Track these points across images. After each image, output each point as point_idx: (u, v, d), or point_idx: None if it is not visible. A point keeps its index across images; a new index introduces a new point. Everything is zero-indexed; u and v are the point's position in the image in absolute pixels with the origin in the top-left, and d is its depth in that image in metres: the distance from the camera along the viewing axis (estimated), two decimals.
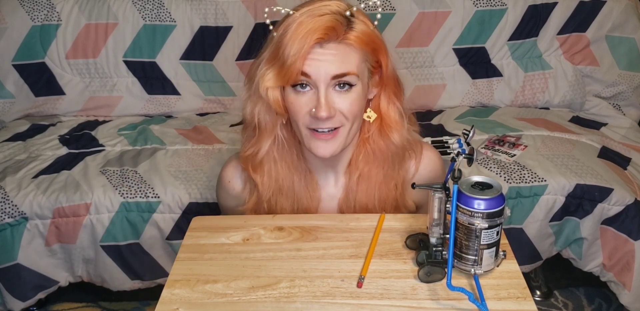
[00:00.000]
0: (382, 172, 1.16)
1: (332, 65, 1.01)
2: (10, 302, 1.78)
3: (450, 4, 2.13)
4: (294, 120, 1.08)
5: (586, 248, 1.78)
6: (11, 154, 1.96)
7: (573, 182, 1.73)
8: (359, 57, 1.04)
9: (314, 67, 1.01)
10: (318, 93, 1.02)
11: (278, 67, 1.02)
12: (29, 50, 2.15)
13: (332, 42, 1.02)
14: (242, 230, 1.09)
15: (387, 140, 1.14)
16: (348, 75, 1.03)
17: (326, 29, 1.00)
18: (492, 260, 0.93)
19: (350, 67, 1.03)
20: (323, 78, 1.02)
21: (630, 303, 1.75)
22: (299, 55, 0.99)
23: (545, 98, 2.19)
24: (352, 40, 1.02)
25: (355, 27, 1.03)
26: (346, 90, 1.04)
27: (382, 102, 1.12)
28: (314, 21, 1.00)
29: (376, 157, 1.15)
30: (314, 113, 1.03)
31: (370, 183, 1.17)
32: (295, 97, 1.04)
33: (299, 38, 0.99)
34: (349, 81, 1.03)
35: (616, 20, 2.12)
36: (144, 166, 1.85)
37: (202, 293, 0.94)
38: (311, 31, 0.99)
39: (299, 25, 1.00)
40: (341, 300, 0.92)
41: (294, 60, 1.00)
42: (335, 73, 1.02)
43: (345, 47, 1.03)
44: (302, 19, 1.01)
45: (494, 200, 0.88)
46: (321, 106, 1.02)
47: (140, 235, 1.75)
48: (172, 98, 2.21)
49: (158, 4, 2.14)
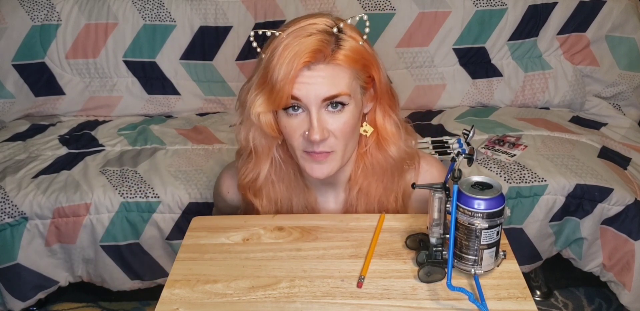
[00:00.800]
0: (382, 185, 1.15)
1: (322, 87, 0.99)
2: (10, 302, 1.78)
3: (450, 4, 2.13)
4: (289, 143, 1.06)
5: (586, 248, 1.78)
6: (11, 154, 1.96)
7: (573, 182, 1.73)
8: (349, 76, 1.01)
9: (303, 90, 0.99)
10: (310, 116, 1.00)
11: (267, 92, 1.00)
12: (29, 50, 2.15)
13: (320, 64, 0.99)
14: (242, 230, 1.09)
15: (385, 153, 1.12)
16: (339, 96, 1.00)
17: (313, 51, 0.97)
18: (492, 260, 0.93)
19: (341, 87, 1.00)
20: (314, 101, 0.99)
21: (630, 303, 1.75)
22: (287, 79, 0.97)
23: (545, 98, 2.19)
24: (341, 60, 1.00)
25: (343, 45, 1.00)
26: (339, 110, 1.02)
27: (378, 115, 1.11)
28: (300, 43, 0.97)
29: (375, 170, 1.14)
30: (307, 136, 1.01)
31: (370, 197, 1.16)
32: (287, 120, 1.03)
33: (286, 62, 0.97)
34: (341, 101, 1.01)
35: (616, 20, 2.12)
36: (144, 166, 1.85)
37: (202, 293, 0.94)
38: (298, 54, 0.97)
39: (285, 48, 0.98)
40: (341, 300, 0.92)
41: (282, 85, 0.97)
42: (326, 95, 0.99)
43: (334, 67, 1.00)
44: (288, 41, 0.98)
45: (494, 200, 0.88)
46: (314, 129, 0.99)
47: (140, 235, 1.75)
48: (172, 98, 2.21)
49: (158, 4, 2.14)
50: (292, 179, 1.15)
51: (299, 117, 1.02)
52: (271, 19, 2.13)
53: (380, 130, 1.12)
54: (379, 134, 1.12)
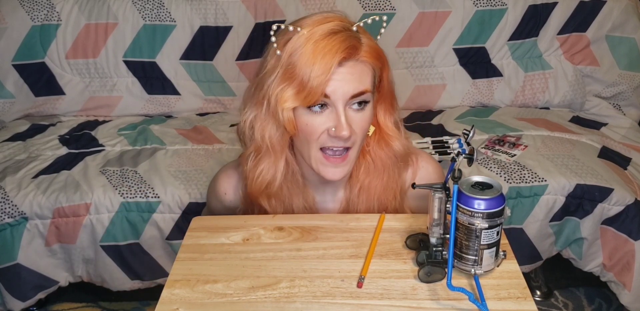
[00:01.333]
0: (382, 182, 1.16)
1: (350, 84, 1.00)
2: (10, 302, 1.78)
3: (450, 4, 2.13)
4: (305, 141, 1.05)
5: (586, 248, 1.78)
6: (11, 154, 1.96)
7: (573, 182, 1.73)
8: (371, 74, 1.04)
9: (332, 87, 0.99)
10: (337, 113, 1.01)
11: (297, 87, 0.99)
12: (29, 50, 2.15)
13: (350, 61, 1.00)
14: (242, 230, 1.09)
15: (387, 150, 1.13)
16: (365, 93, 1.02)
17: (348, 48, 0.98)
18: (492, 260, 0.93)
19: (366, 84, 1.02)
20: (341, 98, 1.00)
21: (630, 303, 1.75)
22: (324, 76, 0.97)
23: (545, 98, 2.19)
24: (367, 56, 1.02)
25: (364, 43, 1.02)
26: (362, 108, 1.03)
27: (380, 114, 1.12)
28: (331, 39, 0.98)
29: (377, 167, 1.14)
30: (334, 133, 1.01)
31: (370, 194, 1.17)
32: (310, 118, 1.02)
33: (319, 58, 0.97)
34: (365, 99, 1.03)
35: (616, 20, 2.12)
36: (144, 166, 1.85)
37: (202, 293, 0.94)
38: (333, 51, 0.97)
39: (316, 44, 0.98)
40: (341, 300, 0.92)
41: (319, 82, 0.97)
42: (354, 92, 1.00)
43: (361, 65, 1.02)
44: (316, 37, 0.98)
45: (494, 200, 0.88)
46: (342, 125, 1.00)
47: (140, 235, 1.75)
48: (172, 98, 2.21)
49: (158, 4, 2.14)
50: (292, 179, 1.15)
51: (323, 115, 1.02)
52: (271, 19, 2.13)
53: (382, 128, 1.13)
54: (381, 132, 1.13)
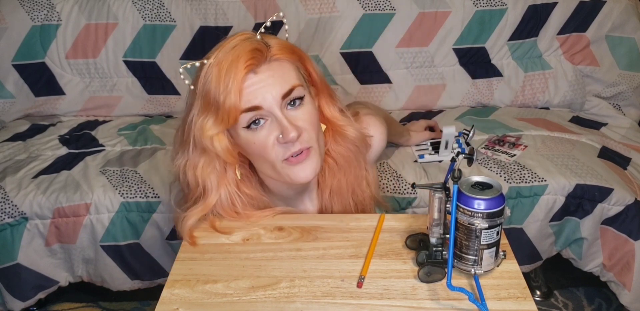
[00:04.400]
0: (352, 176, 1.14)
1: (275, 87, 0.98)
2: (10, 302, 1.78)
3: (450, 4, 2.13)
4: (262, 160, 1.03)
5: (586, 248, 1.79)
6: (11, 154, 1.96)
7: (573, 182, 1.73)
8: (293, 68, 1.02)
9: (259, 96, 0.97)
10: (276, 119, 0.98)
11: (214, 111, 0.97)
12: (29, 50, 2.15)
13: (262, 65, 0.98)
14: (242, 230, 1.09)
15: (344, 142, 1.12)
16: (294, 89, 0.99)
17: (251, 52, 0.96)
18: (492, 260, 0.93)
19: (292, 80, 1.00)
20: (274, 102, 0.98)
21: (630, 303, 1.75)
22: (230, 89, 0.95)
23: (545, 98, 2.19)
24: (279, 53, 0.99)
25: (271, 42, 1.00)
26: (299, 104, 1.01)
27: (324, 108, 1.10)
28: (233, 53, 0.96)
29: (340, 166, 1.13)
30: (282, 139, 0.98)
31: (342, 194, 1.16)
32: (253, 136, 1.00)
33: (224, 73, 0.95)
34: (298, 94, 1.00)
35: (616, 20, 2.12)
36: (144, 166, 1.85)
37: (202, 293, 0.94)
38: (235, 60, 0.95)
39: (219, 64, 0.96)
40: (341, 300, 0.92)
41: (226, 96, 0.95)
42: (283, 92, 0.98)
43: (277, 63, 0.99)
44: (219, 58, 0.97)
45: (494, 200, 0.88)
46: (287, 128, 0.97)
47: (140, 235, 1.75)
48: (172, 99, 2.21)
49: (158, 4, 2.14)
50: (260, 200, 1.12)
51: (264, 128, 0.99)
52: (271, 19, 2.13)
53: (331, 121, 1.11)
54: (332, 126, 1.11)
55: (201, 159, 1.03)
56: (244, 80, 0.96)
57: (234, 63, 0.95)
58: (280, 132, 0.99)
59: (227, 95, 0.95)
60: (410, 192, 1.70)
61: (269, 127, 1.00)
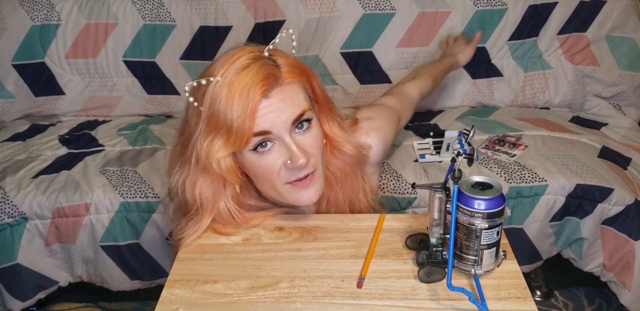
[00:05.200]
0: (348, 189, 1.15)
1: (285, 112, 0.97)
2: (10, 302, 1.78)
3: (450, 4, 2.13)
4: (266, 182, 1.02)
5: (586, 248, 1.78)
6: (11, 154, 1.96)
7: (573, 182, 1.73)
8: (302, 91, 1.00)
9: (269, 121, 0.96)
10: (285, 144, 0.97)
11: (224, 134, 0.96)
12: (29, 50, 2.15)
13: (274, 89, 0.97)
14: (242, 230, 1.09)
15: (341, 156, 1.11)
16: (304, 113, 0.99)
17: (265, 78, 0.94)
18: (492, 260, 0.93)
19: (302, 105, 0.99)
20: (283, 128, 0.97)
21: (630, 303, 1.75)
22: (246, 114, 0.93)
23: (545, 98, 2.19)
24: (289, 76, 0.98)
25: (281, 64, 0.98)
26: (307, 128, 1.00)
27: (324, 123, 1.09)
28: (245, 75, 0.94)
29: (338, 179, 1.13)
30: (291, 165, 0.98)
31: (339, 205, 1.16)
32: (260, 159, 0.99)
33: (237, 98, 0.93)
34: (307, 118, 1.00)
35: (616, 20, 2.12)
36: (144, 166, 1.85)
37: (202, 293, 0.94)
38: (250, 86, 0.93)
39: (231, 85, 0.94)
40: (341, 300, 0.92)
41: (242, 122, 0.93)
42: (293, 118, 0.97)
43: (287, 87, 0.98)
44: (230, 79, 0.94)
45: (494, 200, 0.88)
46: (296, 155, 0.97)
47: (140, 235, 1.75)
48: (172, 99, 2.21)
49: (158, 4, 2.14)
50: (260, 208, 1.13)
51: (272, 152, 0.99)
52: (271, 19, 2.13)
53: (330, 136, 1.10)
54: (330, 141, 1.10)
55: (200, 177, 1.03)
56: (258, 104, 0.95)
57: (249, 88, 0.93)
58: (288, 158, 0.98)
59: (243, 120, 0.93)
60: (410, 192, 1.70)
61: (276, 151, 0.99)
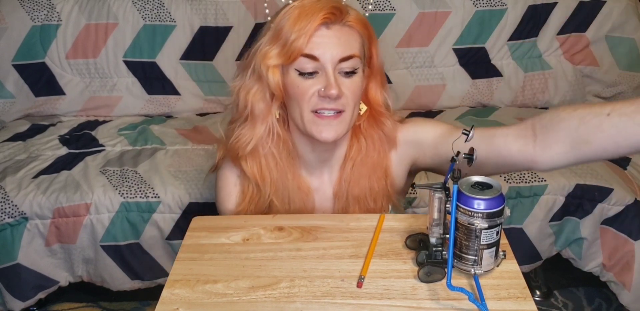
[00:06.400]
0: (374, 160, 1.18)
1: (338, 48, 1.04)
2: (10, 302, 1.78)
3: (450, 4, 2.13)
4: (296, 104, 1.08)
5: (586, 248, 1.79)
6: (11, 154, 1.96)
7: (573, 182, 1.73)
8: (360, 41, 1.08)
9: (321, 49, 1.04)
10: (326, 74, 1.05)
11: (281, 45, 1.05)
12: (29, 50, 2.15)
13: (337, 24, 1.05)
14: (242, 230, 1.09)
15: (377, 128, 1.16)
16: (353, 57, 1.05)
17: (332, 8, 1.03)
18: (492, 260, 0.93)
19: (355, 49, 1.06)
20: (330, 60, 1.04)
21: (630, 303, 1.75)
22: (303, 31, 1.02)
23: (545, 98, 2.19)
24: (354, 22, 1.06)
25: (351, 12, 1.07)
26: (350, 74, 1.07)
27: (371, 91, 1.14)
28: (316, 3, 1.04)
29: (368, 146, 1.17)
30: (324, 92, 1.04)
31: (362, 172, 1.18)
32: (301, 81, 1.06)
33: (302, 17, 1.02)
34: (354, 65, 1.06)
35: (616, 20, 2.12)
36: (144, 166, 1.85)
37: (202, 293, 0.94)
38: (316, 10, 1.02)
39: (302, 8, 1.03)
40: (341, 300, 0.92)
41: (298, 36, 1.02)
42: (342, 56, 1.04)
43: (349, 30, 1.06)
44: (303, 3, 1.04)
45: (494, 200, 0.88)
46: (331, 84, 1.03)
47: (140, 235, 1.76)
48: (172, 98, 2.21)
49: (158, 4, 2.14)
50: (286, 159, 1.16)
51: (313, 78, 1.06)
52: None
53: (373, 106, 1.15)
54: (372, 109, 1.16)
55: (255, 85, 1.10)
56: (316, 29, 1.03)
57: (314, 11, 1.02)
58: (323, 86, 1.04)
59: (298, 36, 1.02)
60: (410, 191, 1.70)
61: (317, 79, 1.06)
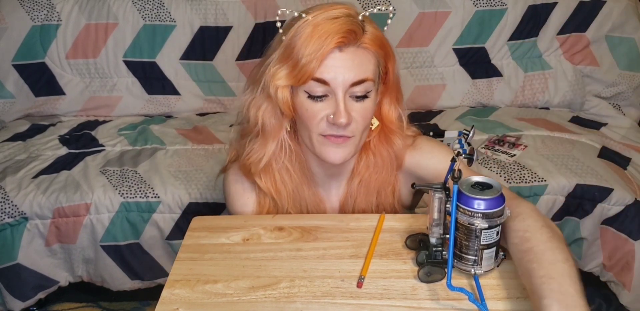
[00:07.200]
0: (381, 177, 1.16)
1: (350, 72, 1.00)
2: (10, 302, 1.78)
3: (450, 4, 2.13)
4: (305, 126, 1.06)
5: (586, 248, 1.79)
6: (11, 154, 1.96)
7: (573, 182, 1.73)
8: (374, 63, 1.04)
9: (332, 73, 0.99)
10: (336, 100, 1.01)
11: (291, 66, 1.01)
12: (29, 50, 2.15)
13: (351, 46, 1.00)
14: (242, 230, 1.09)
15: (388, 146, 1.14)
16: (366, 81, 1.01)
17: (347, 32, 0.99)
18: (492, 260, 0.93)
19: (368, 73, 1.02)
20: (341, 85, 1.00)
21: (630, 303, 1.75)
22: (315, 54, 0.98)
23: (545, 98, 2.19)
24: (369, 43, 1.02)
25: (368, 31, 1.03)
26: (362, 98, 1.03)
27: (384, 107, 1.12)
28: (331, 23, 0.99)
29: (377, 163, 1.15)
30: (333, 120, 1.01)
31: (369, 189, 1.17)
32: (310, 104, 1.03)
33: (315, 38, 0.98)
34: (366, 89, 1.02)
35: (616, 20, 2.12)
36: (144, 166, 1.85)
37: (202, 293, 0.94)
38: (331, 33, 0.98)
39: (316, 27, 0.99)
40: (341, 300, 0.92)
41: (309, 60, 0.98)
42: (354, 80, 1.00)
43: (363, 52, 1.02)
44: (318, 21, 0.99)
45: (494, 200, 0.88)
46: (340, 112, 1.00)
47: (140, 235, 1.76)
48: (172, 98, 2.21)
49: (158, 4, 2.14)
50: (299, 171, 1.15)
51: (323, 102, 1.03)
52: (271, 19, 2.13)
53: (385, 122, 1.13)
54: (384, 126, 1.14)
55: (265, 102, 1.07)
56: (329, 52, 0.99)
57: (329, 34, 0.98)
58: (332, 113, 1.02)
59: (310, 59, 0.98)
60: None
61: (327, 103, 1.03)
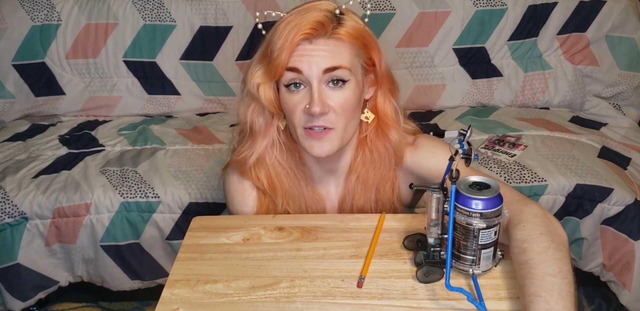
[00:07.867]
0: (379, 173, 1.16)
1: (322, 59, 1.02)
2: (10, 302, 1.78)
3: (450, 4, 2.13)
4: (290, 121, 1.07)
5: (586, 248, 1.79)
6: (11, 154, 1.96)
7: (573, 182, 1.73)
8: (350, 52, 1.04)
9: (305, 62, 1.02)
10: (311, 89, 1.03)
11: (266, 63, 1.04)
12: (29, 50, 2.15)
13: (321, 38, 1.02)
14: (242, 230, 1.09)
15: (384, 140, 1.14)
16: (340, 68, 1.02)
17: (314, 23, 1.01)
18: (490, 260, 0.93)
19: (342, 61, 1.03)
20: (315, 73, 1.02)
21: (630, 303, 1.75)
22: (283, 48, 1.01)
23: (545, 98, 2.19)
24: (342, 34, 1.03)
25: (344, 23, 1.04)
26: (340, 86, 1.04)
27: (379, 100, 1.13)
28: (301, 18, 1.02)
29: (373, 158, 1.15)
30: (307, 110, 1.03)
31: (367, 185, 1.17)
32: (289, 96, 1.05)
33: (285, 33, 1.01)
34: (341, 76, 1.03)
35: (616, 20, 2.12)
36: (144, 166, 1.86)
37: (202, 293, 0.94)
38: (298, 26, 1.01)
39: (287, 23, 1.02)
40: (341, 300, 0.92)
41: (278, 54, 1.01)
42: (327, 66, 1.02)
43: (336, 42, 1.03)
44: (290, 18, 1.03)
45: (492, 200, 0.88)
46: (314, 101, 1.02)
47: (140, 235, 1.76)
48: (172, 98, 2.21)
49: (158, 4, 2.14)
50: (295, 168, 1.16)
51: (300, 93, 1.04)
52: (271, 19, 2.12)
53: (380, 115, 1.13)
54: (380, 120, 1.14)
55: (252, 102, 1.10)
56: (298, 43, 1.02)
57: (297, 27, 1.01)
58: (308, 103, 1.03)
59: (280, 52, 1.01)
60: None
61: (303, 95, 1.04)
